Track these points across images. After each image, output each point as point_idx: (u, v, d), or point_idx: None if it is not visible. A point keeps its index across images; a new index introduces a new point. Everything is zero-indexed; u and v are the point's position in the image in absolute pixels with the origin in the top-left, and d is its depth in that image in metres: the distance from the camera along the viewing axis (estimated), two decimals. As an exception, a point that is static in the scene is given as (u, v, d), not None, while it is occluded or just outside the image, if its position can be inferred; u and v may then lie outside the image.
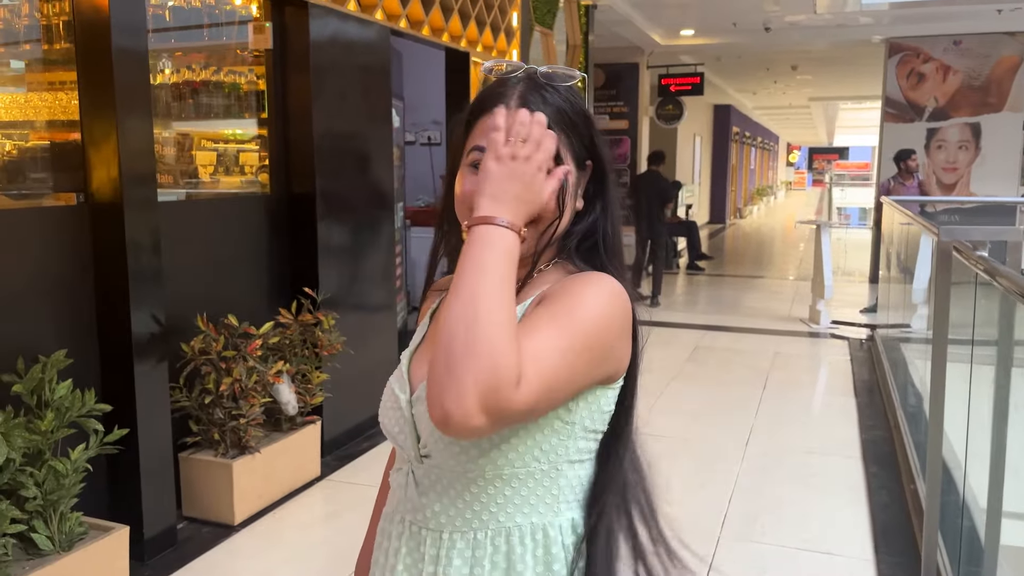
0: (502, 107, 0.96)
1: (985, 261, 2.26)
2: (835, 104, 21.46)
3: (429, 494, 0.98)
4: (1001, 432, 2.35)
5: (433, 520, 0.98)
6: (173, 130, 3.71)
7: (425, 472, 0.98)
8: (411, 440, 0.99)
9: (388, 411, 1.03)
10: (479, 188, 0.91)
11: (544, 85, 0.99)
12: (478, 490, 0.96)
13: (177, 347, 3.20)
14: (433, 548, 0.98)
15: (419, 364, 1.03)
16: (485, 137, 0.95)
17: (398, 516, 1.03)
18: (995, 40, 9.24)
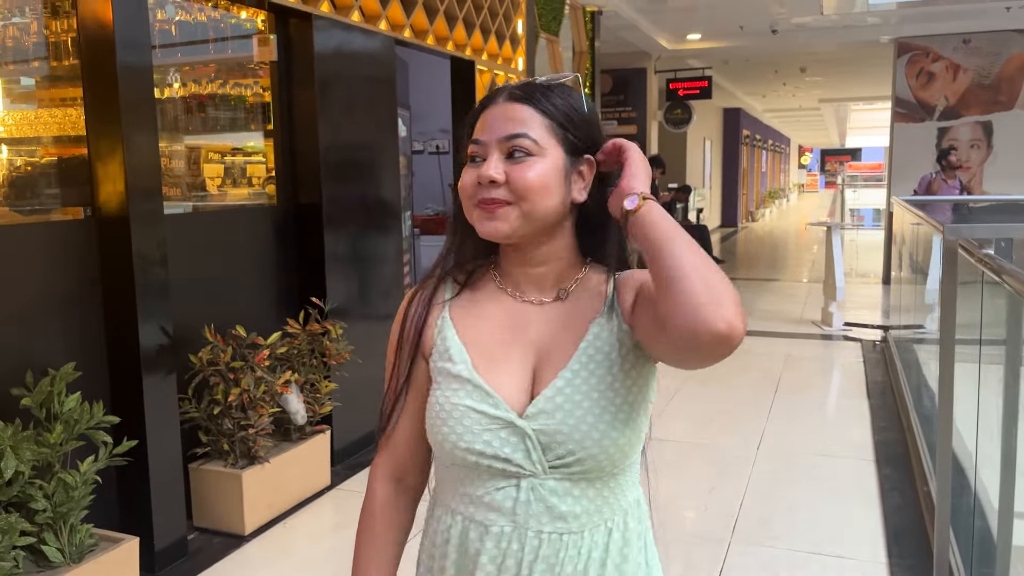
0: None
1: (991, 259, 2.24)
2: (846, 105, 21.37)
3: (567, 499, 1.02)
4: (1011, 432, 2.33)
5: (575, 522, 1.03)
6: (180, 143, 3.74)
7: (557, 482, 1.02)
8: (534, 454, 1.02)
9: (481, 433, 1.02)
10: (637, 173, 1.01)
11: (533, 86, 1.05)
12: (613, 482, 1.05)
13: (185, 358, 3.22)
14: (574, 549, 1.03)
15: (498, 378, 1.05)
16: (477, 132, 1.04)
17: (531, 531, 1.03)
18: (1005, 38, 9.18)
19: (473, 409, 1.03)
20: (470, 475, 1.06)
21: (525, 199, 1.01)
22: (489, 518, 1.05)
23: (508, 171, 1.01)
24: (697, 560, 3.02)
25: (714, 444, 4.27)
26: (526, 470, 1.02)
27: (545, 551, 1.03)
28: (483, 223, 1.03)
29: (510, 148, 1.02)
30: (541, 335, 1.07)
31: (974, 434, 2.71)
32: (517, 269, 1.09)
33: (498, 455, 1.02)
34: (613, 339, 1.05)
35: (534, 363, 1.06)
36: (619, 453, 1.02)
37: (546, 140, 1.03)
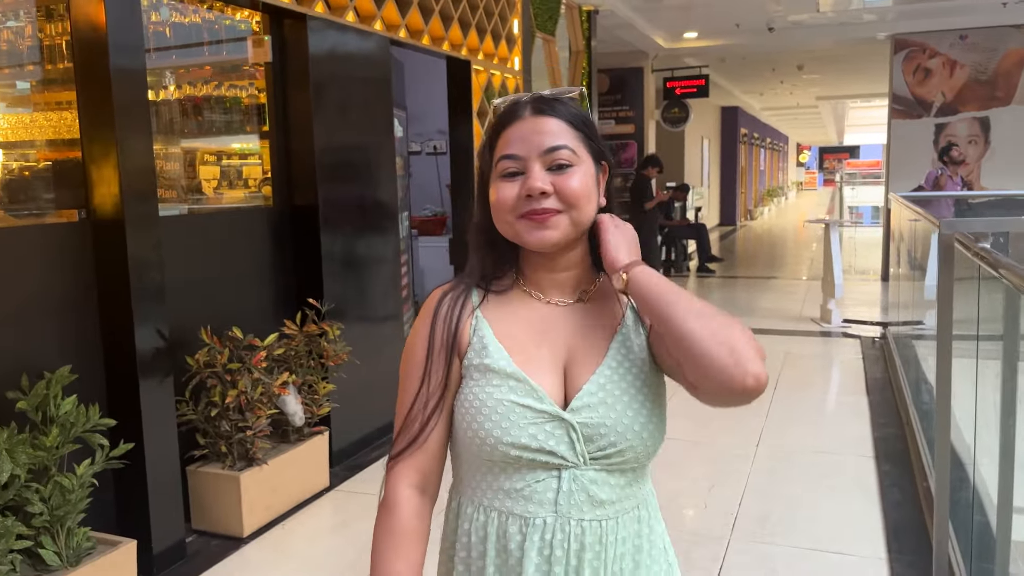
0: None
1: (988, 253, 2.24)
2: (844, 103, 21.36)
3: (604, 488, 1.08)
4: (1009, 426, 2.32)
5: (612, 508, 1.09)
6: (176, 145, 3.74)
7: (596, 472, 1.08)
8: (578, 446, 1.07)
9: (527, 427, 1.06)
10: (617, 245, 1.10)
11: (550, 99, 1.12)
12: (641, 470, 1.13)
13: (182, 360, 3.22)
14: (613, 534, 1.10)
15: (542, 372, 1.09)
16: (509, 147, 1.09)
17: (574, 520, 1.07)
18: (1001, 33, 9.17)
19: (518, 404, 1.06)
20: (508, 470, 1.09)
21: (575, 207, 1.08)
22: (529, 510, 1.08)
23: (554, 181, 1.07)
24: (697, 558, 3.01)
25: (713, 442, 4.26)
26: (568, 462, 1.07)
27: (589, 538, 1.08)
28: (532, 233, 1.08)
29: (552, 160, 1.07)
30: (569, 335, 1.12)
31: (972, 429, 2.70)
32: (542, 275, 1.15)
33: (543, 448, 1.06)
34: (638, 344, 1.12)
35: (565, 360, 1.11)
36: (654, 445, 1.10)
37: (579, 149, 1.10)
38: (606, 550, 1.09)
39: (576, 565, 1.08)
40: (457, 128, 5.49)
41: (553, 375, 1.10)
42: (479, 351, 1.11)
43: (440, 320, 1.14)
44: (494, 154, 1.11)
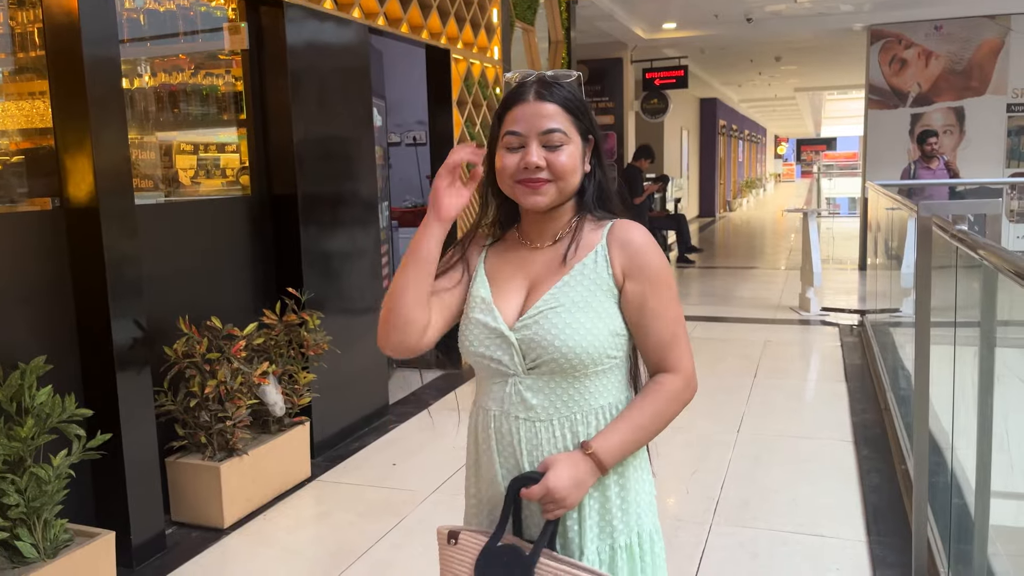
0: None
1: (965, 235, 2.26)
2: (820, 94, 21.51)
3: (539, 395, 1.35)
4: (986, 406, 2.35)
5: (543, 413, 1.35)
6: (151, 134, 3.69)
7: (533, 380, 1.35)
8: (517, 359, 1.35)
9: (484, 340, 1.36)
10: (556, 487, 1.30)
11: (551, 82, 1.37)
12: (579, 384, 1.35)
13: (160, 350, 3.18)
14: (547, 433, 1.35)
15: (501, 301, 1.39)
16: (514, 124, 1.34)
17: (512, 416, 1.36)
18: (976, 24, 9.27)
19: (480, 322, 1.38)
20: (481, 374, 1.42)
21: (562, 178, 1.35)
22: (489, 406, 1.39)
23: (547, 157, 1.33)
24: (679, 543, 3.03)
25: (695, 429, 4.28)
26: (511, 370, 1.36)
27: (525, 433, 1.36)
28: (527, 197, 1.35)
29: (547, 140, 1.33)
30: (536, 269, 1.40)
31: (950, 413, 2.73)
32: (533, 226, 1.43)
33: (493, 357, 1.36)
34: (592, 281, 1.36)
35: (528, 290, 1.39)
36: (579, 361, 1.32)
37: (570, 130, 1.35)
38: (542, 446, 1.35)
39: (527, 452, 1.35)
40: (437, 118, 5.46)
41: (516, 301, 1.38)
42: (475, 282, 1.43)
43: (464, 245, 1.48)
44: (501, 128, 1.37)
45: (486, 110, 5.93)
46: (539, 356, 1.32)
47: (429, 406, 4.86)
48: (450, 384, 5.27)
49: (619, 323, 1.36)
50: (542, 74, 1.38)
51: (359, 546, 3.11)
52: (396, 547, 3.11)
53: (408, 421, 4.59)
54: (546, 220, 1.41)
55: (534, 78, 1.37)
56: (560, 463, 1.30)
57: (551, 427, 1.35)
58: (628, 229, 1.38)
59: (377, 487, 3.69)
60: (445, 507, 3.42)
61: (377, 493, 3.62)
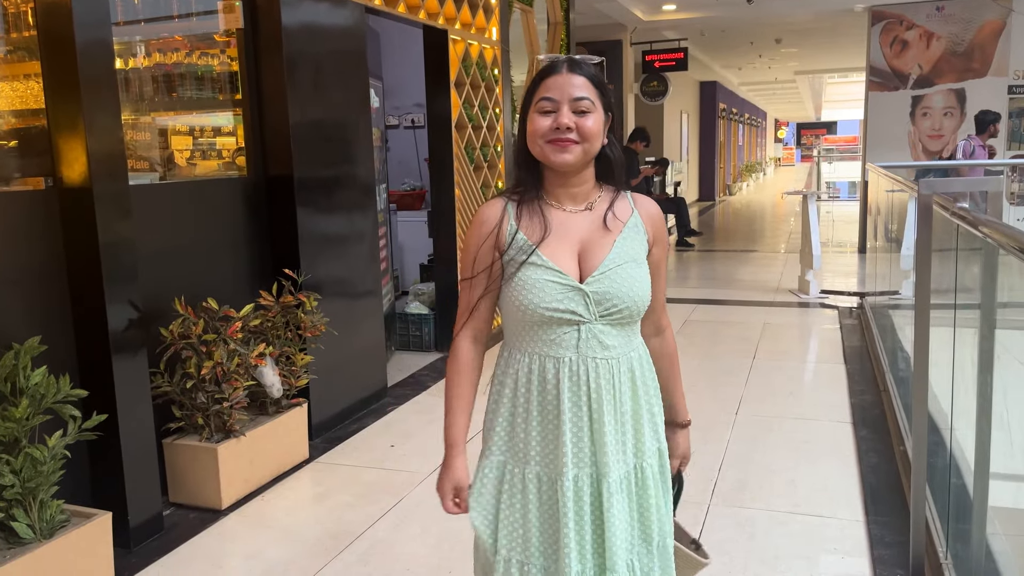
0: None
1: (966, 212, 2.24)
2: (821, 78, 21.40)
3: (611, 337, 1.55)
4: (986, 384, 2.33)
5: (615, 351, 1.56)
6: (146, 115, 3.65)
7: (604, 326, 1.54)
8: (593, 309, 1.53)
9: (558, 296, 1.52)
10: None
11: (580, 63, 1.55)
12: (633, 326, 1.60)
13: (156, 332, 3.16)
14: (616, 368, 1.56)
15: (563, 259, 1.55)
16: (548, 91, 1.52)
17: (589, 358, 1.54)
18: (977, 4, 9.19)
19: (550, 281, 1.53)
20: (543, 326, 1.54)
21: (588, 140, 1.53)
22: (560, 353, 1.55)
23: (576, 121, 1.51)
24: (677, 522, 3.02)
25: (693, 410, 4.22)
26: (584, 318, 1.53)
27: (602, 371, 1.55)
28: (557, 155, 1.52)
29: (577, 106, 1.51)
30: (581, 233, 1.57)
31: (949, 394, 2.72)
32: (560, 189, 1.59)
33: (568, 308, 1.53)
34: (635, 244, 1.60)
35: (579, 250, 1.57)
36: (638, 308, 1.57)
37: (596, 101, 1.53)
38: (612, 379, 1.56)
39: (595, 388, 1.54)
40: (435, 99, 5.42)
41: (571, 260, 1.55)
42: (518, 250, 1.55)
43: (485, 226, 1.59)
44: (535, 95, 1.54)
45: (484, 91, 5.89)
46: (613, 305, 1.54)
47: (427, 388, 4.85)
48: (448, 367, 5.25)
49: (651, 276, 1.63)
50: (570, 56, 1.56)
51: (357, 527, 3.11)
52: (395, 528, 3.11)
53: (406, 403, 4.59)
54: (573, 183, 1.59)
55: (565, 57, 1.55)
56: (687, 445, 1.87)
57: (619, 364, 1.57)
58: (650, 203, 1.66)
59: (375, 468, 3.69)
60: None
61: (375, 474, 3.62)
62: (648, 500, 1.62)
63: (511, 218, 1.59)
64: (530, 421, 1.58)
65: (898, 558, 2.78)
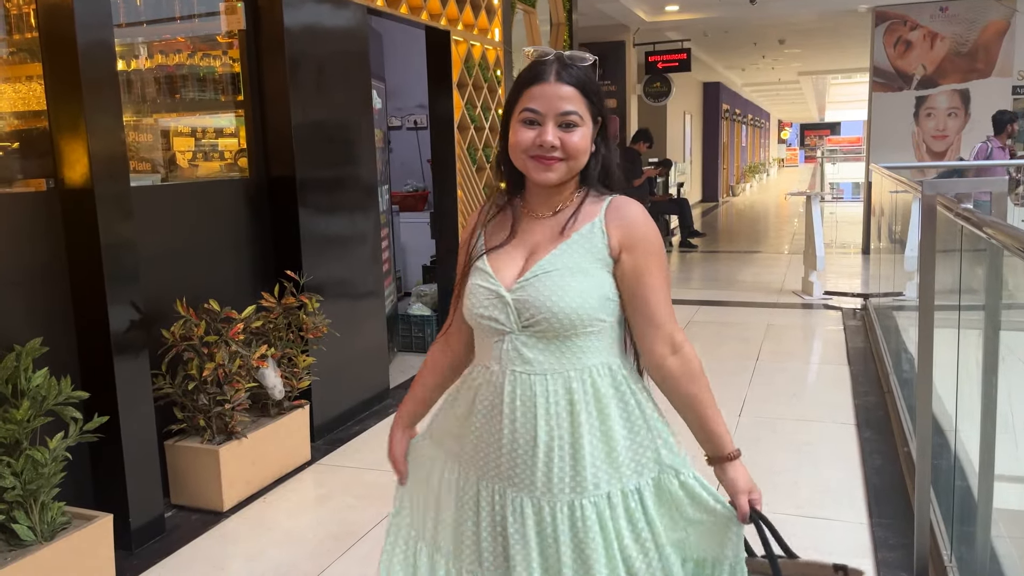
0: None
1: (971, 213, 2.22)
2: (824, 78, 21.39)
3: (533, 351, 1.43)
4: (990, 386, 2.32)
5: (539, 367, 1.43)
6: (148, 116, 3.65)
7: (527, 337, 1.43)
8: (513, 318, 1.43)
9: (483, 302, 1.46)
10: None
11: (569, 64, 1.42)
12: (571, 343, 1.43)
13: (158, 333, 3.16)
14: (541, 386, 1.43)
15: (501, 266, 1.47)
16: (533, 101, 1.41)
17: (508, 370, 1.44)
18: (981, 5, 9.17)
19: (481, 286, 1.47)
20: (481, 333, 1.50)
21: (573, 158, 1.43)
22: (488, 362, 1.48)
23: (562, 137, 1.40)
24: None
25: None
26: (507, 328, 1.44)
27: (520, 386, 1.43)
28: (539, 173, 1.43)
29: (563, 120, 1.40)
30: (536, 238, 1.48)
31: (954, 396, 2.71)
32: (537, 198, 1.50)
33: (492, 316, 1.45)
34: (587, 250, 1.44)
35: (527, 256, 1.47)
36: (568, 322, 1.40)
37: (584, 112, 1.42)
38: (534, 399, 1.42)
39: (509, 404, 1.44)
40: (437, 101, 5.41)
41: (514, 268, 1.46)
42: (476, 250, 1.52)
43: (465, 232, 1.58)
44: (518, 103, 1.43)
45: (487, 92, 5.88)
46: (532, 315, 1.41)
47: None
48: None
49: (611, 289, 1.44)
50: (560, 54, 1.42)
51: (359, 528, 3.10)
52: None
53: (409, 405, 4.57)
54: (550, 193, 1.49)
55: (553, 57, 1.42)
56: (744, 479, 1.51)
57: (545, 380, 1.43)
58: (626, 204, 1.47)
59: (378, 470, 3.68)
60: (445, 490, 3.41)
61: (378, 476, 3.61)
62: (588, 547, 1.41)
63: (485, 221, 1.55)
64: (450, 413, 1.58)
65: (902, 561, 2.76)
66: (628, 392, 1.47)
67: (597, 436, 1.43)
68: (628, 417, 1.46)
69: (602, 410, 1.44)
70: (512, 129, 1.45)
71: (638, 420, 1.47)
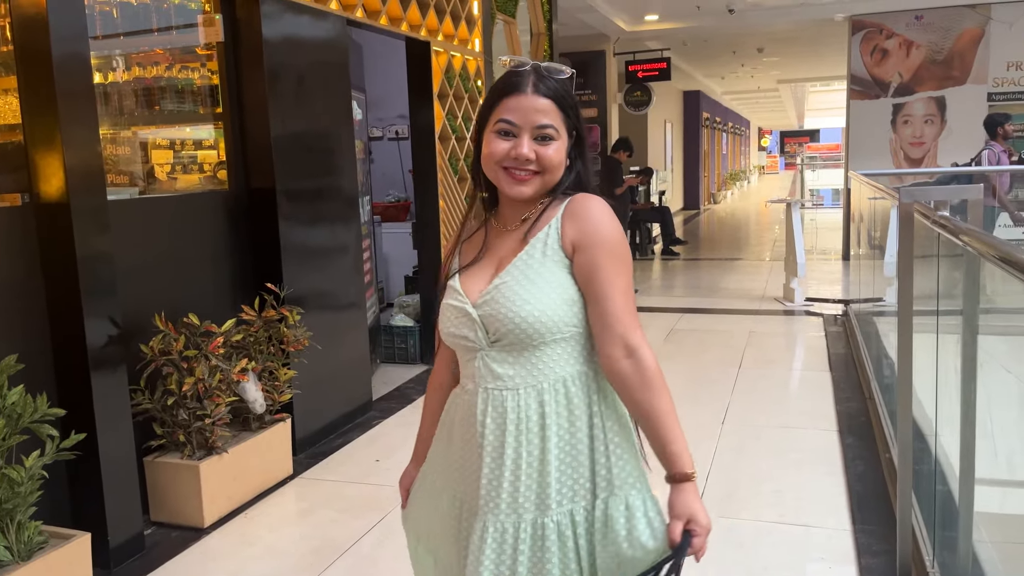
0: None
1: (947, 220, 2.24)
2: (803, 86, 21.58)
3: (504, 365, 1.40)
4: (969, 394, 2.34)
5: (510, 382, 1.39)
6: (126, 128, 3.62)
7: (497, 352, 1.40)
8: (480, 334, 1.40)
9: (453, 320, 1.43)
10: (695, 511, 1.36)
11: (545, 76, 1.39)
12: (541, 354, 1.39)
13: (136, 348, 3.13)
14: (512, 401, 1.39)
15: (470, 283, 1.44)
16: (508, 113, 1.38)
17: (481, 388, 1.41)
18: (956, 13, 9.29)
19: (451, 305, 1.45)
20: (459, 353, 1.48)
21: (548, 171, 1.40)
22: (465, 381, 1.47)
23: (537, 150, 1.38)
24: None
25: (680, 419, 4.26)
26: (478, 344, 1.42)
27: (493, 402, 1.40)
28: (512, 187, 1.40)
29: (539, 133, 1.38)
30: (503, 251, 1.45)
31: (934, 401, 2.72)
32: (509, 210, 1.47)
33: (462, 334, 1.42)
34: (543, 254, 1.40)
35: (494, 270, 1.44)
36: (534, 331, 1.36)
37: (560, 126, 1.40)
38: (506, 414, 1.39)
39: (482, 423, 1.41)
40: (418, 111, 5.41)
41: (482, 282, 1.43)
42: (451, 269, 1.49)
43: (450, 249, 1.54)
44: (493, 113, 1.40)
45: (467, 103, 5.88)
46: (498, 329, 1.38)
47: (413, 401, 4.82)
48: (434, 379, 5.24)
49: (573, 292, 1.39)
50: (538, 65, 1.40)
51: (342, 543, 3.07)
52: (379, 544, 3.08)
53: (392, 417, 4.56)
54: (521, 204, 1.45)
55: (530, 68, 1.39)
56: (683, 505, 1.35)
57: (517, 395, 1.39)
58: (583, 199, 1.41)
59: (360, 483, 3.65)
60: (429, 502, 3.39)
61: (360, 490, 3.59)
62: (545, 566, 1.38)
63: (462, 239, 1.54)
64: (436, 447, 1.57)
65: (885, 567, 2.77)
66: (597, 404, 1.42)
67: (565, 451, 1.39)
68: (591, 432, 1.41)
69: (573, 423, 1.39)
70: (486, 140, 1.41)
71: (599, 436, 1.41)
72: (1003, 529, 2.69)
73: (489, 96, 1.43)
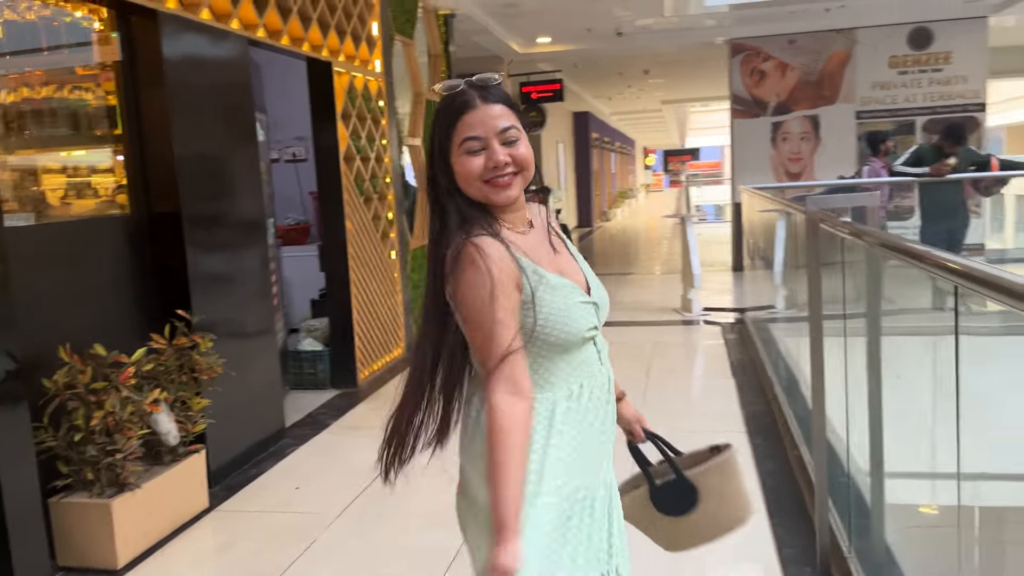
0: None
1: (850, 225, 2.41)
2: (685, 107, 22.50)
3: (605, 340, 1.59)
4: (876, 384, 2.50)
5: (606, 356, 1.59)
6: (12, 152, 3.42)
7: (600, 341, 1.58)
8: (599, 318, 1.54)
9: (588, 315, 1.49)
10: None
11: (486, 86, 1.47)
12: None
13: (39, 383, 2.95)
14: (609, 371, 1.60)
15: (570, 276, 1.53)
16: (471, 130, 1.43)
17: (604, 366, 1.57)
18: (826, 37, 9.94)
19: (581, 302, 1.49)
20: (575, 349, 1.49)
21: (525, 168, 1.48)
22: (591, 371, 1.52)
23: (510, 153, 1.44)
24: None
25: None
26: (597, 329, 1.54)
27: (612, 374, 1.59)
28: (500, 194, 1.45)
29: (505, 137, 1.44)
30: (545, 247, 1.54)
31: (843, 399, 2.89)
32: (510, 215, 1.51)
33: (594, 326, 1.52)
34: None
35: (563, 261, 1.55)
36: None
37: (518, 126, 1.47)
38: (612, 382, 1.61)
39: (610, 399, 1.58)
40: (321, 132, 5.34)
41: (577, 275, 1.56)
42: (535, 279, 1.44)
43: (505, 261, 1.41)
44: (454, 135, 1.44)
45: (371, 123, 5.86)
46: (606, 313, 1.58)
47: (327, 427, 4.72)
48: (348, 403, 5.15)
49: None
50: (471, 80, 1.46)
51: (268, 574, 2.97)
52: (306, 572, 3.00)
53: (306, 443, 4.45)
54: (516, 208, 1.53)
55: (466, 85, 1.46)
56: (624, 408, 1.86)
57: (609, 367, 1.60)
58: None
59: (281, 512, 3.55)
60: (354, 527, 3.33)
61: (281, 519, 3.48)
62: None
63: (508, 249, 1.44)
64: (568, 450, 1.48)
65: (805, 556, 2.91)
66: None
67: None
68: None
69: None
70: (457, 163, 1.45)
71: None
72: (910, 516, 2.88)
73: (442, 122, 1.46)
